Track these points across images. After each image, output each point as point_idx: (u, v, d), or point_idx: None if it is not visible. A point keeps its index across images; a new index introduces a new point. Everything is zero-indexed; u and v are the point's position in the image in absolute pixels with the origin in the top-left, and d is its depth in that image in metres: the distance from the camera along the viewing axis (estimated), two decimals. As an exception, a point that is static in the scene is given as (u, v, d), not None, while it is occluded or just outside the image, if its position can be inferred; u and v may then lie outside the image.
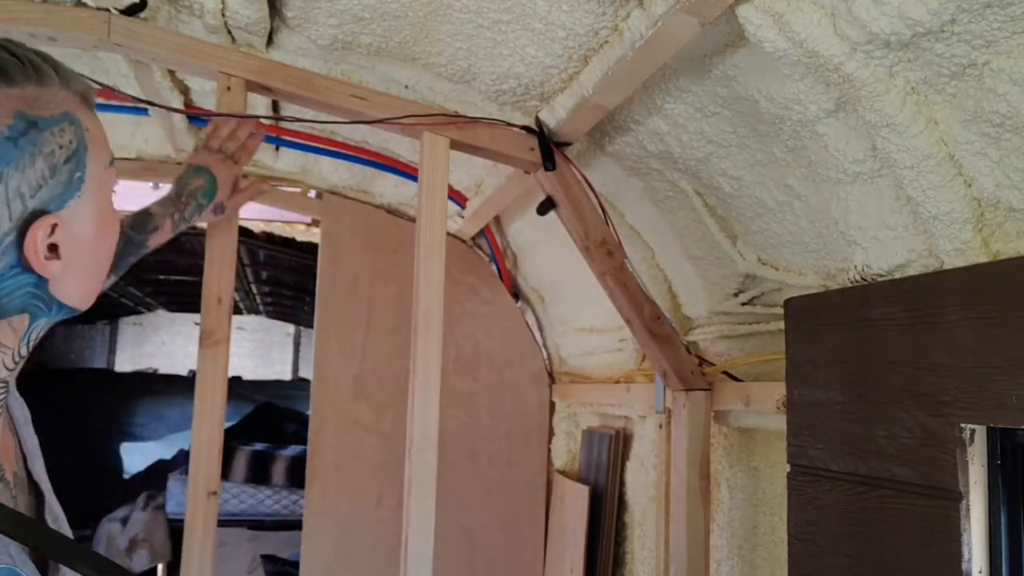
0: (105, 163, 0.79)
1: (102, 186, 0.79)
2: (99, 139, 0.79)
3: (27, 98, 0.71)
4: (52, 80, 0.74)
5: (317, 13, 1.57)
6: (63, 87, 0.75)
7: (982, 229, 1.08)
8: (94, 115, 0.79)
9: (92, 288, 0.81)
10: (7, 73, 0.69)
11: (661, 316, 1.89)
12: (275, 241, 4.39)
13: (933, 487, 1.09)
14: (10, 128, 0.69)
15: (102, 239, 0.79)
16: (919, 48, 0.98)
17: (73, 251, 0.76)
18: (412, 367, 1.67)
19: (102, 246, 0.80)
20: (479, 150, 1.78)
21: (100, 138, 0.79)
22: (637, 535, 2.29)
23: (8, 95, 0.69)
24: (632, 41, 1.28)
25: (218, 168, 1.51)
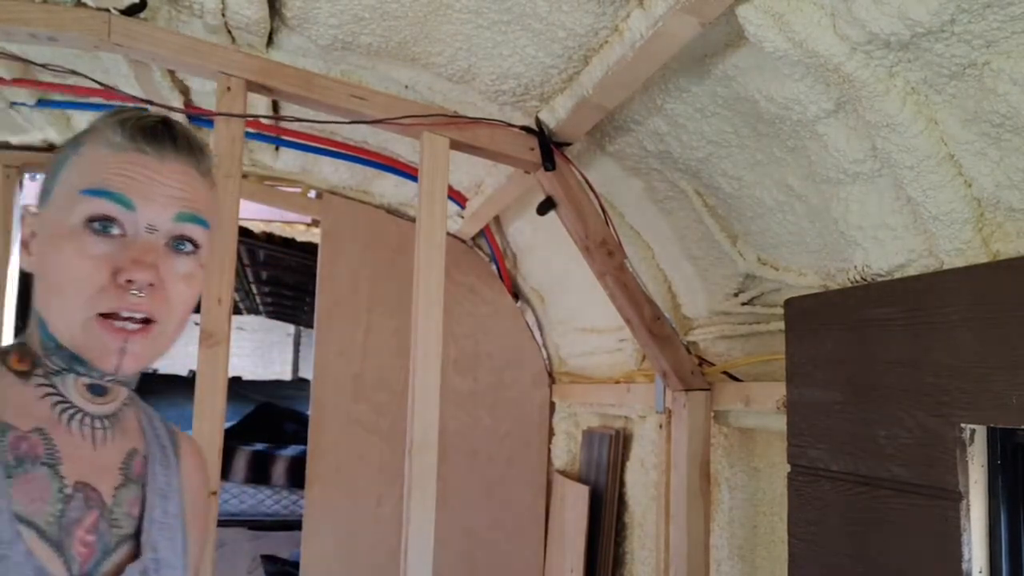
0: (75, 188, 0.76)
1: (66, 208, 0.76)
2: (90, 165, 0.76)
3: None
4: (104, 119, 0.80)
5: (317, 13, 1.57)
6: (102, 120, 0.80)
7: (982, 229, 1.08)
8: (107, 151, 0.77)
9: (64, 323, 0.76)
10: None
11: (661, 316, 1.89)
12: (275, 241, 4.39)
13: (933, 487, 1.09)
14: None
15: (60, 264, 0.74)
16: (919, 48, 0.98)
17: (40, 260, 0.77)
18: (412, 367, 1.67)
19: (62, 272, 0.74)
20: (479, 150, 1.79)
21: (93, 164, 0.76)
22: (637, 535, 2.29)
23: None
24: (632, 41, 1.28)
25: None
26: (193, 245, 0.79)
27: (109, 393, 0.81)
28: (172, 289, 0.76)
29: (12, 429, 0.75)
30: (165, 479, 0.88)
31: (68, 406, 0.79)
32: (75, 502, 0.77)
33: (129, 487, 0.83)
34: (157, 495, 0.86)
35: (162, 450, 0.90)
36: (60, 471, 0.77)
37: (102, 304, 0.73)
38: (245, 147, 1.77)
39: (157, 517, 0.85)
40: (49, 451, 0.77)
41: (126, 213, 0.74)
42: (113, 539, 0.79)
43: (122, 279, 0.73)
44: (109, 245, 0.74)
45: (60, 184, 0.78)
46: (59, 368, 0.78)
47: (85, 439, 0.80)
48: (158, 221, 0.76)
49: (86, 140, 0.79)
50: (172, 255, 0.77)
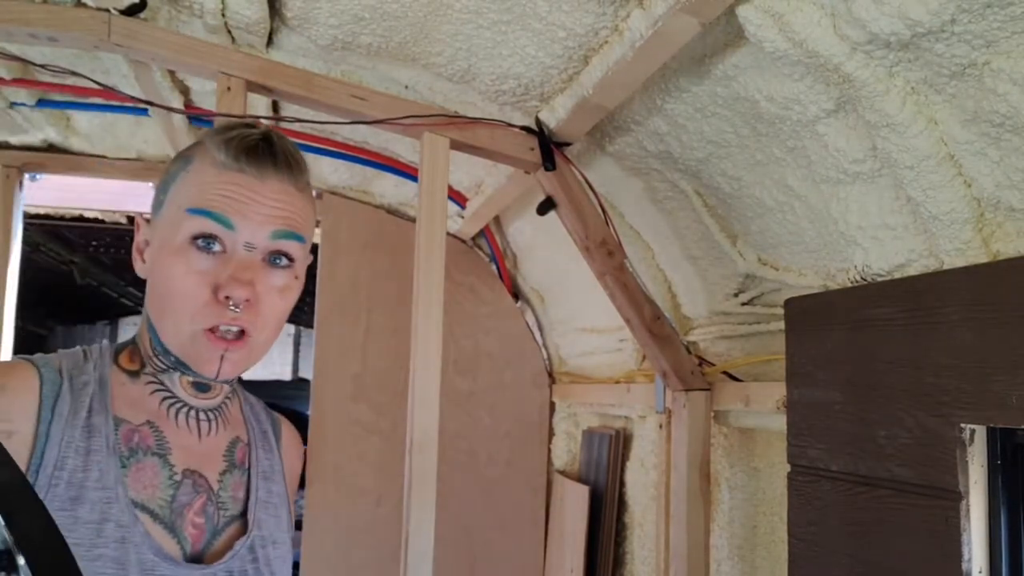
0: (183, 206, 0.82)
1: (174, 224, 0.82)
2: (194, 184, 0.83)
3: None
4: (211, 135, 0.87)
5: (317, 13, 1.57)
6: (211, 137, 0.86)
7: (982, 229, 1.08)
8: (212, 170, 0.83)
9: (172, 334, 0.82)
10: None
11: (661, 316, 1.89)
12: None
13: (933, 487, 1.09)
14: None
15: (169, 278, 0.81)
16: (919, 48, 0.98)
17: (150, 269, 0.85)
18: (412, 367, 1.67)
19: (170, 285, 0.81)
20: (479, 150, 1.79)
21: (197, 183, 0.82)
22: (637, 535, 2.29)
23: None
24: (632, 41, 1.28)
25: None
26: (289, 259, 0.85)
27: (212, 389, 0.89)
28: (267, 302, 0.83)
29: (125, 423, 0.83)
30: (268, 463, 0.96)
31: (175, 401, 0.87)
32: (184, 488, 0.85)
33: (233, 472, 0.91)
34: (260, 478, 0.93)
35: (263, 436, 0.98)
36: (170, 460, 0.85)
37: (206, 320, 0.81)
38: (245, 147, 1.79)
39: (261, 497, 0.92)
40: (159, 442, 0.85)
41: (226, 232, 0.81)
42: (221, 520, 0.87)
43: (221, 295, 0.80)
44: (211, 261, 0.81)
45: (170, 199, 0.85)
46: (166, 367, 0.86)
47: (191, 431, 0.88)
48: (255, 239, 0.82)
49: (194, 157, 0.85)
50: (268, 269, 0.83)
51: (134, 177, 2.59)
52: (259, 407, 1.02)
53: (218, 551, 0.85)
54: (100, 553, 0.76)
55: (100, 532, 0.76)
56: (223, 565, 0.84)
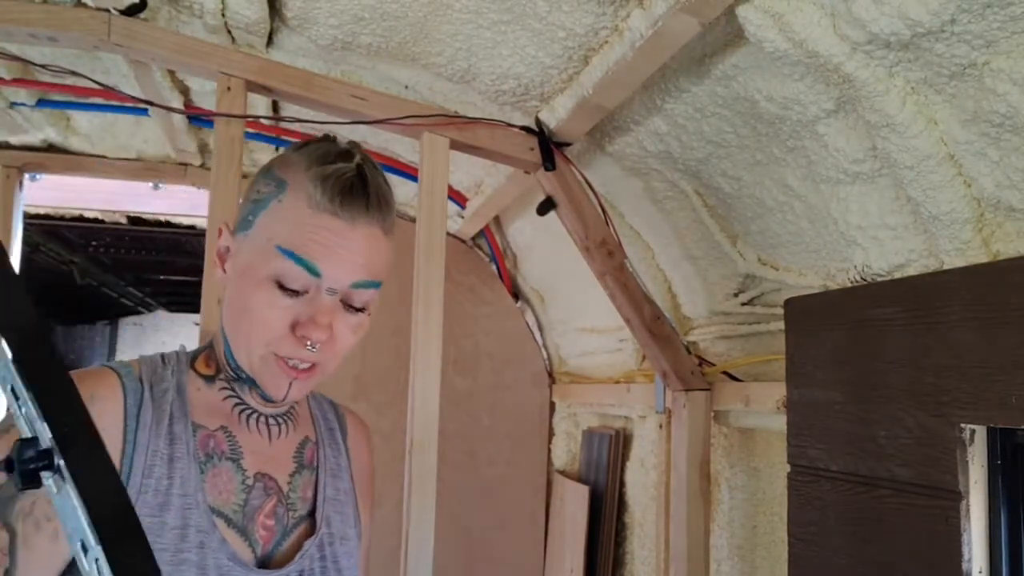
0: (273, 240, 0.82)
1: (262, 254, 0.83)
2: (289, 220, 0.83)
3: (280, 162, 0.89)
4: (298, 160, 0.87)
5: (317, 13, 1.57)
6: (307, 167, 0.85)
7: (982, 229, 1.08)
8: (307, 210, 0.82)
9: (245, 353, 0.84)
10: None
11: (661, 316, 1.89)
12: (275, 241, 4.39)
13: (933, 487, 1.09)
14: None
15: (250, 303, 0.83)
16: (919, 48, 0.98)
17: (231, 285, 0.87)
18: (412, 367, 1.67)
19: (250, 309, 0.83)
20: (479, 150, 1.79)
21: (293, 222, 0.82)
22: (637, 535, 2.29)
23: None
24: (632, 41, 1.28)
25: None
26: (365, 302, 0.87)
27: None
28: (340, 339, 0.85)
29: (201, 428, 0.86)
30: (335, 460, 0.98)
31: (246, 407, 0.90)
32: (255, 491, 0.87)
33: (302, 473, 0.93)
34: (328, 475, 0.95)
35: (330, 433, 1.00)
36: (242, 464, 0.87)
37: (280, 349, 0.83)
38: (245, 147, 1.77)
39: (329, 495, 0.94)
40: (232, 447, 0.87)
41: (312, 279, 0.82)
42: (291, 521, 0.89)
43: (299, 333, 0.82)
44: (293, 300, 0.83)
45: (261, 224, 0.85)
46: (238, 376, 0.88)
47: (262, 435, 0.90)
48: (338, 285, 0.83)
49: (287, 183, 0.84)
50: (345, 311, 0.85)
51: (134, 177, 2.59)
52: (326, 403, 1.04)
53: (288, 552, 0.88)
54: (184, 558, 0.79)
55: (184, 537, 0.79)
56: (294, 566, 0.86)
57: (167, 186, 2.83)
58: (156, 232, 3.85)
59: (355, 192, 0.84)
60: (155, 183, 2.75)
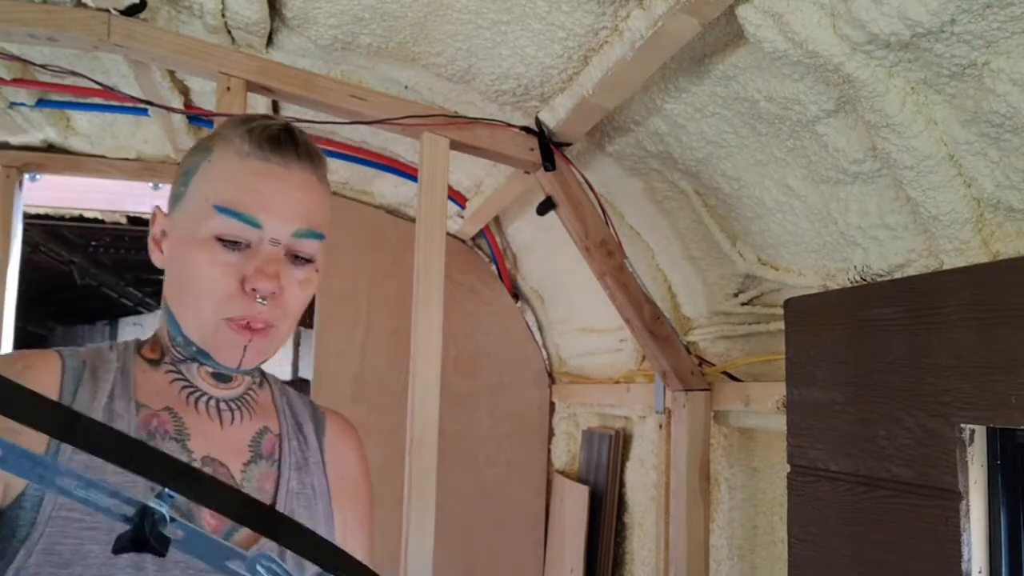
0: (208, 200, 0.82)
1: (198, 218, 0.82)
2: (221, 177, 0.83)
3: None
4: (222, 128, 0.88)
5: (317, 13, 1.57)
6: (232, 128, 0.86)
7: (982, 229, 1.08)
8: (236, 160, 0.83)
9: (195, 324, 0.83)
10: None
11: (661, 316, 1.89)
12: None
13: (933, 487, 1.09)
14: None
15: (193, 268, 0.81)
16: (919, 48, 0.98)
17: (171, 260, 0.85)
18: (412, 367, 1.67)
19: (195, 275, 0.81)
20: (479, 150, 1.79)
21: (225, 177, 0.82)
22: (637, 535, 2.29)
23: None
24: (632, 41, 1.28)
25: None
26: (309, 257, 0.86)
27: (233, 380, 0.90)
28: (290, 294, 0.84)
29: (144, 407, 0.83)
30: (302, 454, 0.94)
31: (194, 389, 0.87)
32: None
33: (259, 463, 0.88)
34: (292, 468, 0.91)
35: (298, 427, 0.96)
36: (188, 446, 0.83)
37: (231, 310, 0.81)
38: (245, 147, 1.78)
39: (293, 488, 0.89)
40: (178, 427, 0.84)
41: (253, 231, 0.81)
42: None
43: (248, 287, 0.81)
44: (236, 256, 0.81)
45: (193, 189, 0.84)
46: (183, 358, 0.86)
47: (212, 419, 0.87)
48: (280, 235, 0.82)
49: (215, 147, 0.85)
50: (291, 264, 0.84)
51: (134, 177, 2.59)
52: (297, 399, 1.00)
53: (241, 543, 0.81)
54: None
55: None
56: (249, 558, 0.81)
57: (167, 186, 2.83)
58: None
59: (283, 140, 0.84)
60: (155, 183, 2.75)
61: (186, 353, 0.86)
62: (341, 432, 1.01)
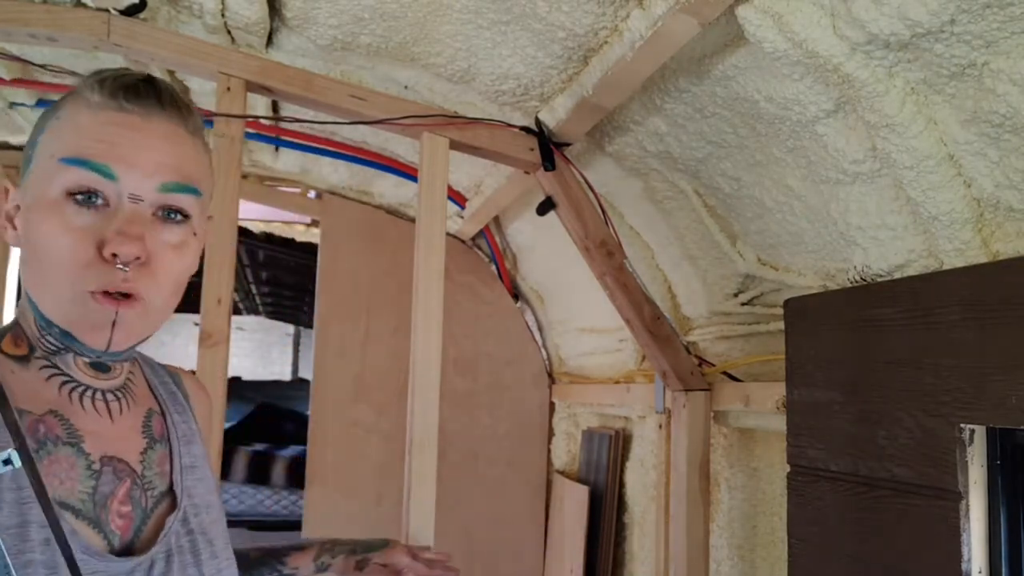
0: (54, 156, 0.71)
1: (45, 178, 0.71)
2: (68, 129, 0.72)
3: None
4: (83, 79, 0.77)
5: (317, 13, 1.57)
6: (83, 81, 0.76)
7: (982, 229, 1.08)
8: (86, 112, 0.73)
9: (52, 301, 0.72)
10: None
11: (661, 316, 1.89)
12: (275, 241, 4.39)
13: (933, 487, 1.09)
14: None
15: (44, 236, 0.71)
16: (919, 48, 0.98)
17: (23, 234, 0.74)
18: (412, 367, 1.67)
19: (46, 245, 0.71)
20: (479, 150, 1.79)
21: (71, 129, 0.72)
22: (637, 535, 2.29)
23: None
24: (632, 41, 1.28)
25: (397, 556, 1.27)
26: (183, 215, 0.75)
27: (113, 369, 0.80)
28: (160, 260, 0.73)
29: (27, 414, 0.72)
30: (185, 425, 0.87)
31: (76, 384, 0.77)
32: (105, 477, 0.75)
33: (155, 448, 0.82)
34: (182, 443, 0.85)
35: (172, 397, 0.89)
36: (84, 448, 0.75)
37: (90, 282, 0.70)
38: (245, 147, 1.77)
39: (186, 464, 0.84)
40: (68, 430, 0.75)
41: (108, 183, 0.70)
42: (150, 501, 0.79)
43: (107, 252, 0.69)
44: (92, 216, 0.70)
45: (39, 152, 0.74)
46: (56, 348, 0.76)
47: (101, 414, 0.78)
48: (142, 190, 0.72)
49: (65, 103, 0.75)
50: (160, 224, 0.73)
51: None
52: (157, 366, 0.91)
53: (150, 534, 0.77)
54: (29, 559, 0.67)
55: (24, 537, 0.68)
56: (159, 547, 0.76)
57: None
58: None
59: (142, 89, 0.73)
60: None
61: (56, 342, 0.75)
62: (198, 390, 0.95)
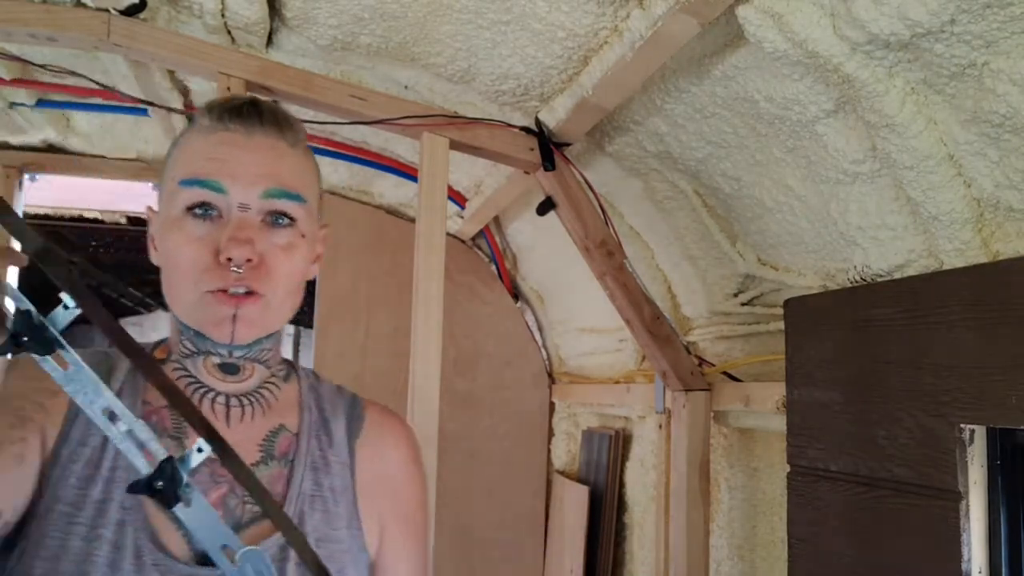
0: (176, 180, 0.81)
1: (170, 200, 0.81)
2: (185, 154, 0.82)
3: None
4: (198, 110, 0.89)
5: (317, 13, 1.57)
6: (199, 110, 0.87)
7: (982, 229, 1.08)
8: (199, 137, 0.82)
9: (181, 303, 0.81)
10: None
11: (661, 316, 1.89)
12: (275, 241, 4.39)
13: (933, 487, 1.09)
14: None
15: (171, 250, 0.80)
16: (919, 48, 0.98)
17: (159, 251, 0.84)
18: (412, 367, 1.67)
19: (173, 256, 0.80)
20: (479, 150, 1.79)
21: (188, 153, 0.82)
22: (637, 535, 2.29)
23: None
24: (632, 41, 1.28)
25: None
26: (288, 218, 0.82)
27: (242, 372, 0.85)
28: (272, 260, 0.80)
29: (148, 405, 0.82)
30: (321, 454, 0.87)
31: (200, 386, 0.84)
32: (199, 476, 0.79)
33: (270, 464, 0.84)
34: (307, 468, 0.85)
35: (323, 424, 0.90)
36: (185, 444, 0.80)
37: (209, 283, 0.78)
38: (245, 147, 1.78)
39: (307, 490, 0.84)
40: (176, 424, 0.81)
41: (219, 196, 0.79)
42: (246, 515, 0.80)
43: (222, 257, 0.78)
44: (209, 227, 0.79)
45: (166, 178, 0.84)
46: (190, 351, 0.84)
47: (217, 417, 0.84)
48: (249, 199, 0.80)
49: (184, 132, 0.85)
50: (268, 229, 0.81)
51: (134, 177, 2.59)
52: (332, 395, 0.93)
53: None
54: (99, 534, 0.74)
55: (102, 512, 0.75)
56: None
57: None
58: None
59: (245, 110, 0.82)
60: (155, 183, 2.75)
61: (190, 344, 0.83)
62: (382, 430, 0.93)
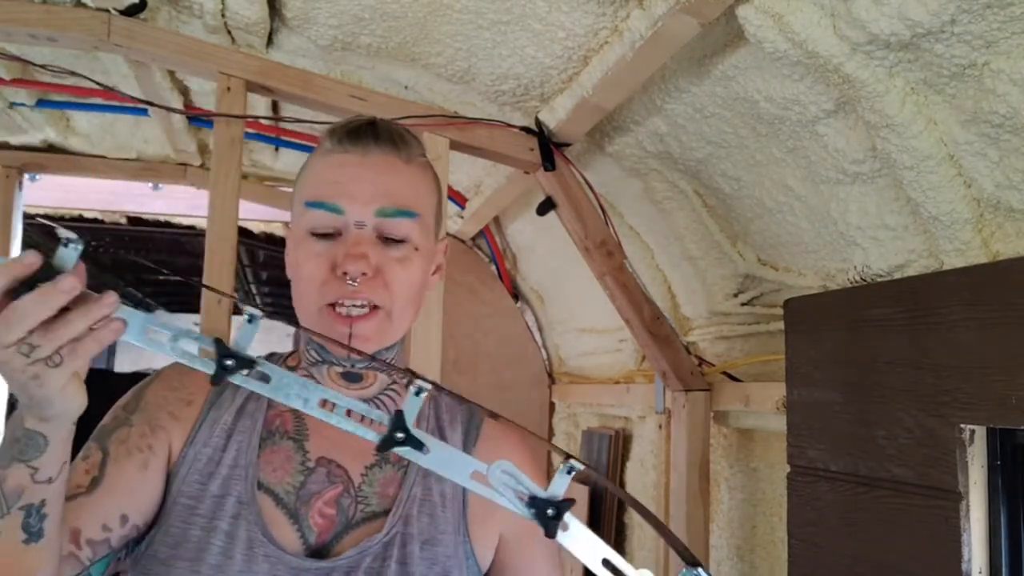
0: (301, 201, 0.86)
1: (297, 220, 0.88)
2: (310, 177, 0.88)
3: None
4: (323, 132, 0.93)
5: (317, 13, 1.57)
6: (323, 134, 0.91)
7: (982, 229, 1.08)
8: (321, 159, 0.88)
9: (305, 315, 0.86)
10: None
11: (660, 316, 1.89)
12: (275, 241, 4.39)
13: (933, 487, 1.09)
14: None
15: (297, 266, 0.86)
16: (919, 48, 0.98)
17: (289, 266, 0.91)
18: (412, 367, 1.67)
19: (298, 271, 0.86)
20: (479, 150, 1.79)
21: (312, 176, 0.88)
22: (637, 535, 2.29)
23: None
24: (632, 41, 1.28)
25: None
26: (400, 236, 0.86)
27: (364, 380, 0.90)
28: (390, 274, 0.85)
29: (273, 408, 0.88)
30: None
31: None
32: (316, 476, 0.85)
33: (384, 468, 0.88)
34: (419, 474, 0.89)
35: (439, 433, 0.93)
36: (305, 446, 0.86)
37: (327, 296, 0.83)
38: (245, 148, 1.76)
39: (417, 494, 0.88)
40: (297, 427, 0.87)
41: (337, 217, 0.84)
42: (358, 515, 0.85)
43: (339, 271, 0.82)
44: (329, 244, 0.84)
45: (294, 199, 0.90)
46: (315, 360, 0.89)
47: None
48: (364, 217, 0.84)
49: (310, 156, 0.91)
50: (383, 243, 0.85)
51: (134, 177, 2.59)
52: (452, 406, 0.96)
53: (347, 546, 0.83)
54: (216, 525, 0.80)
55: (221, 505, 0.81)
56: (344, 561, 0.81)
57: (167, 186, 2.83)
58: (156, 232, 3.85)
59: (362, 130, 0.87)
60: (155, 183, 2.75)
61: (315, 354, 0.89)
62: (497, 443, 0.95)
